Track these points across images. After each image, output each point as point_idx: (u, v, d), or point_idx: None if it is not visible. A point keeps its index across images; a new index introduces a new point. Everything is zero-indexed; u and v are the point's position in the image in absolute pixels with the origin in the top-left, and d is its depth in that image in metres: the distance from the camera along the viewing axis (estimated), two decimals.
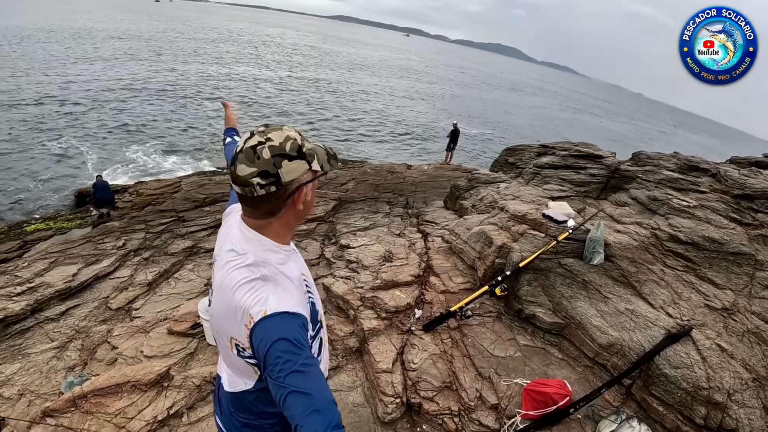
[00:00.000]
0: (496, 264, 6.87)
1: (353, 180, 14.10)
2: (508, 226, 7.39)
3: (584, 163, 9.64)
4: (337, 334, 6.68)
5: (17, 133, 24.71)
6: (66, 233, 12.65)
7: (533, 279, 6.46)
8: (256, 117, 33.34)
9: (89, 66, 47.84)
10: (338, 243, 9.55)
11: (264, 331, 1.75)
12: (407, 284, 7.19)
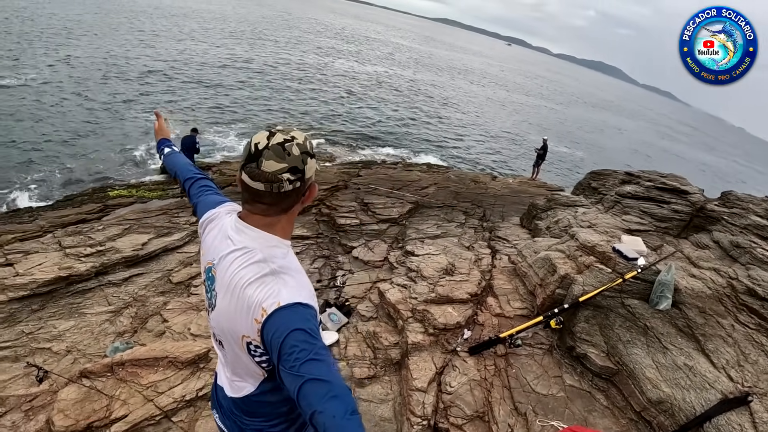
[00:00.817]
0: (556, 294, 6.51)
1: (435, 185, 13.90)
2: (575, 255, 6.99)
3: (668, 197, 9.03)
4: (381, 342, 6.53)
5: (118, 103, 26.04)
6: (146, 202, 13.06)
7: (592, 316, 6.07)
8: (347, 111, 33.62)
9: (194, 44, 49.81)
10: (404, 248, 9.39)
11: (278, 322, 1.76)
12: (462, 302, 6.94)
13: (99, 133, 21.86)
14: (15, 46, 36.15)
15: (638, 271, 6.23)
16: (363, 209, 11.89)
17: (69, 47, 38.80)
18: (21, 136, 20.49)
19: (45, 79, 28.90)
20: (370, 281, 8.64)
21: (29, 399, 5.73)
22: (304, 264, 9.77)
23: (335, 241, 10.71)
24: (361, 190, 13.20)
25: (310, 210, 12.22)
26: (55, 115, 23.77)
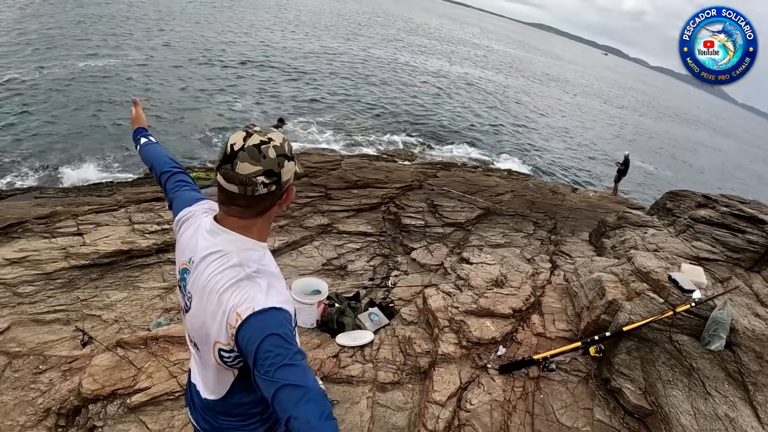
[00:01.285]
0: (601, 320, 6.01)
1: (511, 192, 13.42)
2: (627, 280, 6.44)
3: (744, 226, 8.19)
4: (414, 349, 6.27)
5: (210, 89, 26.99)
6: None
7: (634, 348, 5.55)
8: (434, 110, 33.19)
9: (290, 36, 50.77)
10: (460, 255, 9.06)
11: (253, 327, 1.76)
12: (503, 317, 6.56)
13: (187, 116, 22.68)
14: (119, 30, 38.20)
15: (692, 304, 5.63)
16: (431, 211, 11.61)
17: (169, 33, 40.73)
18: (115, 114, 21.51)
19: (143, 61, 30.37)
20: (421, 285, 8.38)
21: (69, 361, 5.91)
22: (360, 261, 9.63)
23: (397, 241, 10.51)
24: (434, 191, 12.92)
25: (379, 207, 12.07)
26: (151, 95, 24.82)
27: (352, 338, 6.57)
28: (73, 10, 44.76)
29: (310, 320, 6.90)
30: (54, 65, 27.07)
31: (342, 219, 11.37)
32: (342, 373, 5.83)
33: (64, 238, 8.61)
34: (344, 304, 7.20)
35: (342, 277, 9.11)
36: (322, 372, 5.79)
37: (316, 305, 6.84)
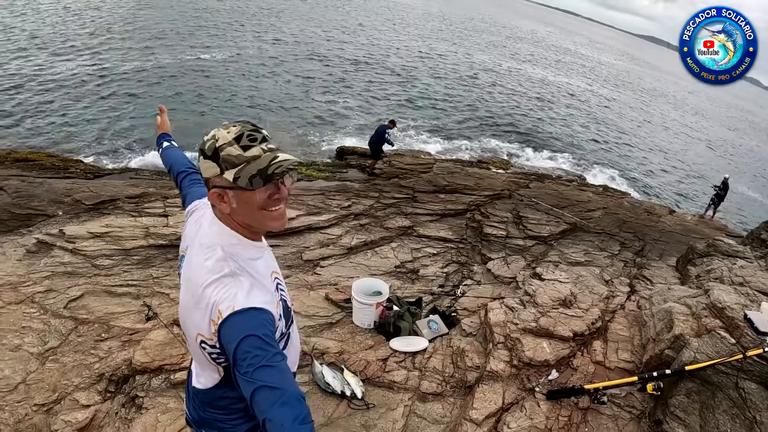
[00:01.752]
0: (665, 355, 5.48)
1: (603, 209, 12.74)
2: (700, 314, 5.85)
3: None
4: (465, 362, 6.01)
5: (312, 86, 27.47)
6: (311, 181, 13.45)
7: (695, 391, 5.01)
8: (533, 119, 32.12)
9: (396, 36, 50.81)
10: (534, 270, 8.66)
11: (232, 327, 1.74)
12: (562, 339, 6.16)
13: (289, 111, 23.24)
14: (230, 25, 39.66)
15: (765, 349, 5.04)
16: (515, 222, 11.23)
17: (279, 29, 42.00)
18: (217, 102, 22.36)
19: (252, 55, 31.40)
20: (489, 297, 8.09)
21: (130, 333, 6.15)
22: (434, 267, 9.44)
23: (476, 250, 10.24)
24: (523, 202, 12.50)
25: (464, 214, 11.82)
26: (252, 88, 25.65)
27: (405, 344, 6.40)
28: (187, 3, 47.15)
29: (367, 321, 6.79)
30: (164, 56, 28.56)
31: (424, 223, 11.21)
32: (385, 377, 5.67)
33: (149, 218, 8.96)
34: (404, 309, 7.02)
35: (412, 281, 8.95)
36: (365, 374, 5.65)
37: (375, 306, 6.72)
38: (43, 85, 22.69)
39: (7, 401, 4.95)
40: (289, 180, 1.95)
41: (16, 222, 9.39)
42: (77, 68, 25.67)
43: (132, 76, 24.89)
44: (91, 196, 10.33)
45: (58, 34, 32.26)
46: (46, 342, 5.84)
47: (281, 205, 1.95)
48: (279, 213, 1.95)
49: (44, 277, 7.12)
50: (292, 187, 1.98)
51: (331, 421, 4.90)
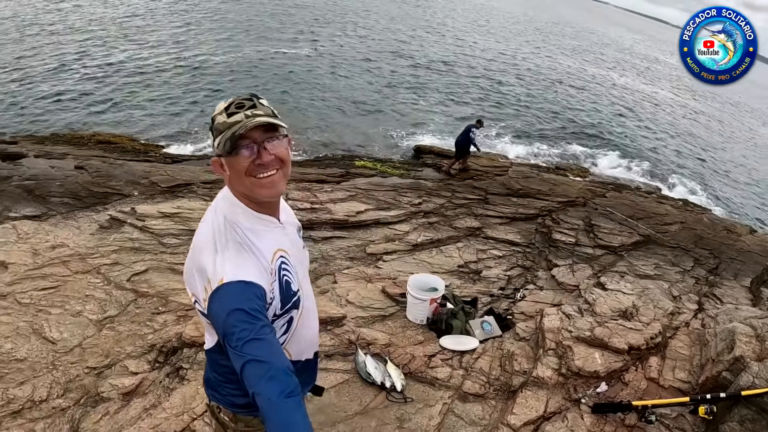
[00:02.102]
0: (722, 378, 5.12)
1: (680, 224, 12.10)
2: (765, 336, 5.44)
3: None
4: (512, 366, 5.85)
5: (396, 85, 27.34)
6: (385, 177, 13.47)
7: (750, 419, 4.63)
8: (615, 127, 30.71)
9: (480, 38, 50.16)
10: (599, 279, 8.35)
11: (221, 300, 1.75)
12: (616, 351, 5.88)
13: (369, 108, 23.41)
14: (314, 21, 40.18)
15: None
16: (586, 230, 10.86)
17: (363, 27, 42.34)
18: (300, 97, 22.77)
19: (335, 52, 31.75)
20: (550, 303, 7.85)
21: (186, 309, 6.35)
22: (497, 269, 9.28)
23: (543, 255, 9.99)
24: (597, 210, 12.09)
25: (534, 219, 11.56)
26: (336, 84, 25.92)
27: (455, 342, 6.30)
28: (270, 3, 48.22)
29: (420, 316, 6.73)
30: (249, 50, 29.33)
31: (493, 225, 11.04)
32: (428, 372, 5.59)
33: None
34: (458, 307, 6.90)
35: (473, 281, 8.81)
36: (408, 368, 5.59)
37: (428, 302, 6.65)
38: (130, 75, 24.04)
39: (61, 361, 5.20)
40: (278, 145, 1.88)
41: (93, 199, 9.91)
42: (164, 60, 26.98)
43: (216, 69, 25.86)
44: (167, 179, 10.74)
45: (148, 26, 33.82)
46: (106, 311, 6.11)
47: (270, 172, 1.88)
48: (268, 180, 1.88)
49: (112, 251, 7.46)
50: (282, 152, 1.90)
51: (367, 410, 4.86)
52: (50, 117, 19.21)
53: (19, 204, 9.63)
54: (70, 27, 32.46)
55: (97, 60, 26.18)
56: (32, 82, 22.69)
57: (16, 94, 21.31)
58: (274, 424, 1.55)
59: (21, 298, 6.14)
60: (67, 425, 4.48)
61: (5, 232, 7.96)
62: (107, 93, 21.85)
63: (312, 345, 2.38)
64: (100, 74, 23.99)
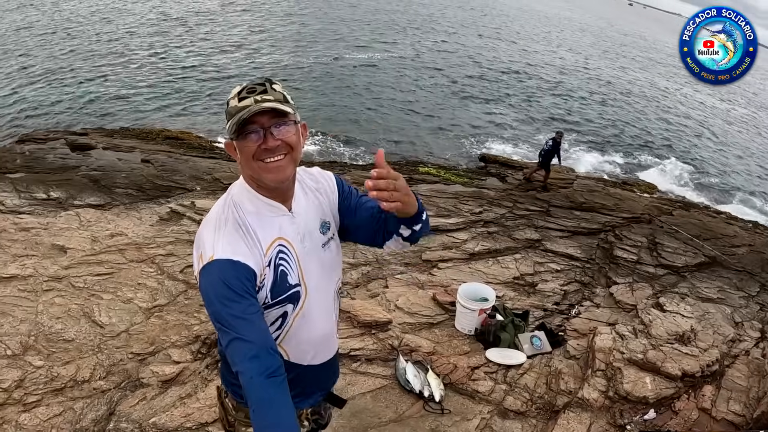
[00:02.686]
0: None
1: (749, 246, 11.31)
2: None
3: None
4: (558, 384, 5.63)
5: (469, 93, 27.00)
6: (448, 185, 13.31)
7: None
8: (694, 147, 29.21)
9: (553, 48, 49.20)
10: (658, 299, 7.97)
11: (209, 276, 1.75)
12: (668, 377, 5.58)
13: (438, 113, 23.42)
14: (385, 29, 40.29)
15: None
16: (649, 248, 10.41)
17: (437, 35, 41.94)
18: (369, 102, 22.79)
19: (409, 58, 31.71)
20: (605, 322, 7.53)
21: None
22: (554, 283, 8.99)
23: (602, 272, 9.62)
24: (662, 228, 11.58)
25: (597, 234, 11.18)
26: (407, 90, 25.87)
27: (502, 355, 6.11)
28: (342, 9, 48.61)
29: (468, 326, 6.56)
30: (320, 55, 29.67)
31: (553, 238, 10.73)
32: (469, 385, 5.44)
33: None
34: (508, 319, 6.70)
35: (528, 294, 8.56)
36: (449, 378, 5.45)
37: (477, 313, 6.48)
38: (200, 75, 24.71)
39: (107, 345, 5.35)
40: (285, 130, 1.83)
41: (157, 192, 10.21)
42: (237, 62, 27.60)
43: (285, 73, 26.27)
44: (230, 176, 10.93)
45: (221, 30, 34.80)
46: (156, 300, 6.25)
47: (277, 157, 1.83)
48: (274, 165, 1.83)
49: (168, 242, 7.64)
50: (291, 137, 1.85)
51: (402, 419, 4.76)
52: (120, 111, 20.15)
53: (84, 193, 10.04)
54: (145, 26, 33.99)
55: (169, 60, 27.33)
56: (104, 77, 23.86)
57: (88, 87, 22.43)
58: (253, 403, 1.58)
59: (75, 281, 6.38)
60: (104, 406, 4.59)
61: (68, 218, 8.31)
62: (177, 91, 22.71)
63: (318, 350, 2.24)
64: (172, 73, 25.00)
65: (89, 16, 36.16)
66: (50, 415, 4.43)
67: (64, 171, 11.51)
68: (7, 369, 4.82)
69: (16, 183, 10.22)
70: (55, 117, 19.32)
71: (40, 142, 14.42)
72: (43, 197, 9.71)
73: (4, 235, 7.48)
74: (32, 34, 30.51)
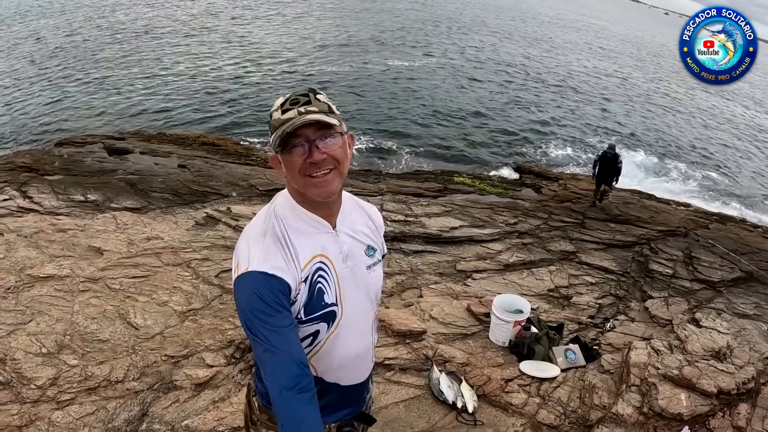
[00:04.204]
0: None
1: None
2: None
3: None
4: (592, 398, 5.55)
5: (504, 101, 26.72)
6: (483, 195, 13.23)
7: None
8: (733, 160, 28.23)
9: (594, 60, 48.20)
10: (694, 314, 7.79)
11: (243, 287, 1.73)
12: (704, 394, 5.44)
13: (474, 123, 23.40)
14: (427, 38, 40.29)
15: None
16: (685, 262, 10.19)
17: (478, 44, 41.74)
18: (408, 109, 22.81)
19: (447, 67, 31.62)
20: (639, 336, 7.40)
21: None
22: (588, 296, 8.88)
23: (637, 285, 9.46)
24: (698, 242, 11.32)
25: (632, 247, 10.99)
26: (448, 98, 25.82)
27: (536, 368, 6.04)
28: (387, 15, 48.68)
29: (502, 338, 6.51)
30: (361, 63, 29.76)
31: (588, 250, 10.58)
32: (503, 397, 5.38)
33: None
34: (542, 332, 6.63)
35: (562, 306, 8.46)
36: (483, 389, 5.41)
37: (512, 324, 6.42)
38: (239, 82, 25.06)
39: (142, 347, 5.42)
40: (331, 143, 1.76)
41: (193, 197, 10.36)
42: (276, 71, 28.03)
43: (327, 80, 26.40)
44: (266, 183, 11.07)
45: (270, 42, 35.13)
46: (191, 303, 6.33)
47: (322, 171, 1.76)
48: (320, 180, 1.77)
49: (204, 247, 7.75)
50: (337, 151, 1.79)
51: (434, 429, 4.74)
52: (158, 117, 20.54)
53: (121, 196, 10.25)
54: (185, 34, 34.65)
55: (208, 67, 27.79)
56: (143, 83, 24.45)
57: (128, 93, 23.02)
58: (281, 417, 1.58)
59: (111, 283, 6.50)
60: (137, 407, 4.64)
61: (105, 221, 8.49)
62: (216, 99, 23.07)
63: (349, 372, 2.15)
64: (211, 82, 25.41)
65: (130, 23, 37.09)
66: (83, 413, 4.48)
67: (101, 174, 11.78)
68: (42, 367, 4.91)
69: (54, 185, 10.47)
70: (93, 121, 19.85)
71: (78, 145, 14.80)
72: (80, 199, 9.93)
73: (41, 236, 7.68)
74: (73, 41, 31.46)
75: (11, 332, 5.36)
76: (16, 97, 22.04)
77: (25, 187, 10.21)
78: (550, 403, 5.45)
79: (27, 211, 9.01)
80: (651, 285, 9.36)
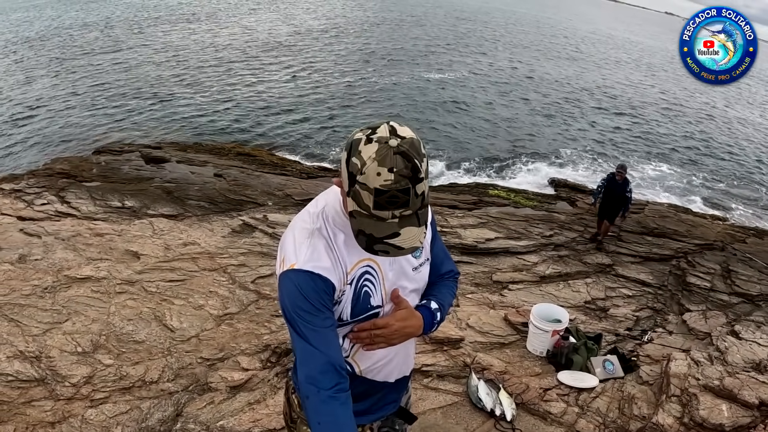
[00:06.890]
0: None
1: None
2: None
3: None
4: (632, 410, 5.42)
5: (542, 115, 26.58)
6: (518, 207, 13.13)
7: None
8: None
9: (625, 72, 47.65)
10: (733, 327, 7.60)
11: (288, 284, 1.72)
12: (745, 405, 5.28)
13: (508, 136, 23.28)
14: (459, 51, 40.28)
15: None
16: (723, 275, 9.95)
17: (506, 57, 41.63)
18: (441, 121, 22.83)
19: (481, 80, 31.57)
20: (678, 348, 7.25)
21: None
22: (625, 308, 8.76)
23: (674, 299, 9.27)
24: (736, 256, 11.06)
25: (669, 260, 10.79)
26: (479, 111, 25.74)
27: (574, 378, 5.94)
28: (418, 30, 48.85)
29: (540, 348, 6.42)
30: (391, 76, 29.94)
31: (625, 263, 10.42)
32: (541, 405, 5.29)
33: None
34: (581, 342, 6.53)
35: (599, 318, 8.33)
36: (521, 398, 5.33)
37: (551, 334, 6.34)
38: (275, 93, 25.37)
39: (177, 349, 5.44)
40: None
41: (229, 205, 10.48)
42: (316, 83, 28.03)
43: (361, 91, 26.65)
44: (301, 192, 11.16)
45: (301, 51, 35.61)
46: (227, 308, 6.35)
47: None
48: None
49: (240, 253, 7.81)
50: None
51: None
52: (194, 127, 20.85)
53: (158, 203, 10.41)
54: (225, 47, 35.33)
55: (243, 79, 28.13)
56: (181, 93, 24.99)
57: (164, 103, 23.48)
58: (316, 414, 1.60)
59: (148, 286, 6.56)
60: (172, 408, 4.64)
61: (142, 227, 8.62)
62: (251, 110, 23.33)
63: (391, 369, 2.09)
64: (246, 93, 25.74)
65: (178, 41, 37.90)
66: (116, 412, 4.50)
67: (138, 182, 12.03)
68: (77, 365, 4.95)
69: (92, 191, 10.67)
70: (130, 131, 20.20)
71: (115, 153, 15.09)
72: (117, 205, 10.12)
73: (79, 239, 7.80)
74: (114, 57, 32.32)
75: (47, 330, 5.42)
76: (59, 108, 22.67)
77: (63, 192, 10.45)
78: (589, 412, 5.35)
79: (65, 215, 9.22)
80: (689, 298, 9.16)
